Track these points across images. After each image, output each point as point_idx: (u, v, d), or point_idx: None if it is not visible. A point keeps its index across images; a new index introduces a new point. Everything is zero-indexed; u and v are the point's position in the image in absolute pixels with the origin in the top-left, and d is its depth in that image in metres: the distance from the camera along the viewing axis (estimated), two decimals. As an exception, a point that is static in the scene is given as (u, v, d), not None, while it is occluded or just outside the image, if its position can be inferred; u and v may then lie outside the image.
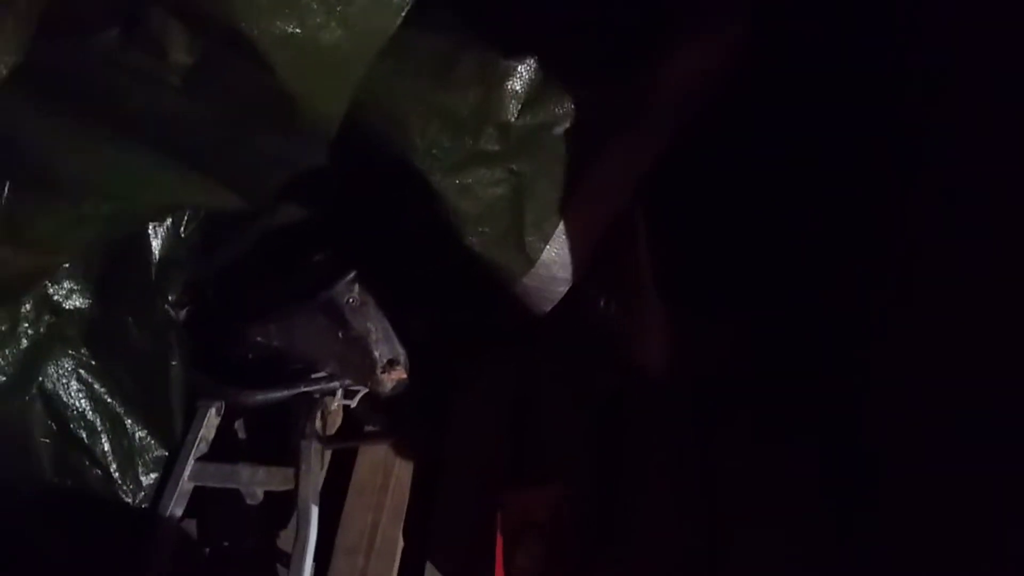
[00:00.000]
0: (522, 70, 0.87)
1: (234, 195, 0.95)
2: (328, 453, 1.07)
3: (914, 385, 0.84)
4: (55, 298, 0.98)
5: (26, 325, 0.95)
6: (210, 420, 1.07)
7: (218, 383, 1.07)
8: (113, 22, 0.75)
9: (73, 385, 0.99)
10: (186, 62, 0.77)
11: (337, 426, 1.12)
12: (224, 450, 1.09)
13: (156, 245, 1.05)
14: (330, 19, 0.75)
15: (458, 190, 0.90)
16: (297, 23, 0.74)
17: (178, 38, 0.76)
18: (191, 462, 1.04)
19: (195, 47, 0.76)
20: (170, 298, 1.07)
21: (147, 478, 1.03)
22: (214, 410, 1.08)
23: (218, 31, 0.74)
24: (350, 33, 0.77)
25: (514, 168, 0.91)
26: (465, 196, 0.91)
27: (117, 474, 1.01)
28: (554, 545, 0.95)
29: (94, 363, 1.01)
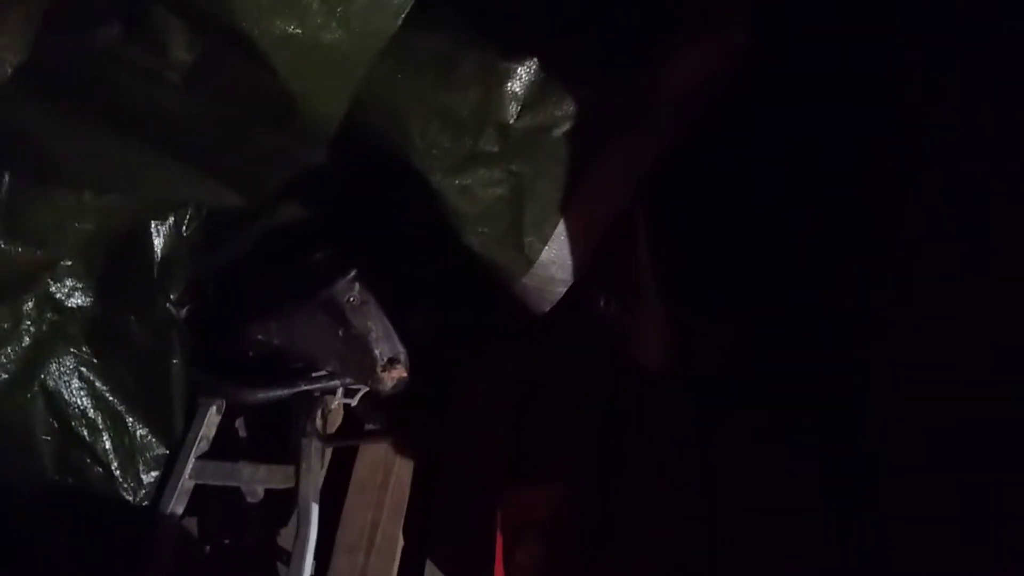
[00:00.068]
0: (521, 72, 0.87)
1: (233, 192, 0.95)
2: (328, 451, 1.08)
3: (914, 385, 0.84)
4: (57, 296, 0.99)
5: (28, 323, 0.96)
6: (211, 418, 1.08)
7: (219, 381, 1.07)
8: (114, 20, 0.75)
9: (75, 383, 1.00)
10: (186, 60, 0.77)
11: (337, 424, 1.12)
12: (225, 448, 1.09)
13: (158, 244, 1.05)
14: (330, 19, 0.75)
15: (457, 190, 0.90)
16: (297, 23, 0.75)
17: (179, 37, 0.76)
18: (192, 460, 1.04)
19: (195, 46, 0.76)
20: (172, 296, 1.08)
21: (148, 476, 1.04)
22: (215, 408, 1.09)
23: (218, 30, 0.75)
24: (350, 33, 0.77)
25: (513, 169, 0.92)
26: (464, 196, 0.91)
27: (118, 472, 1.02)
28: (554, 544, 0.95)
29: (96, 361, 1.01)
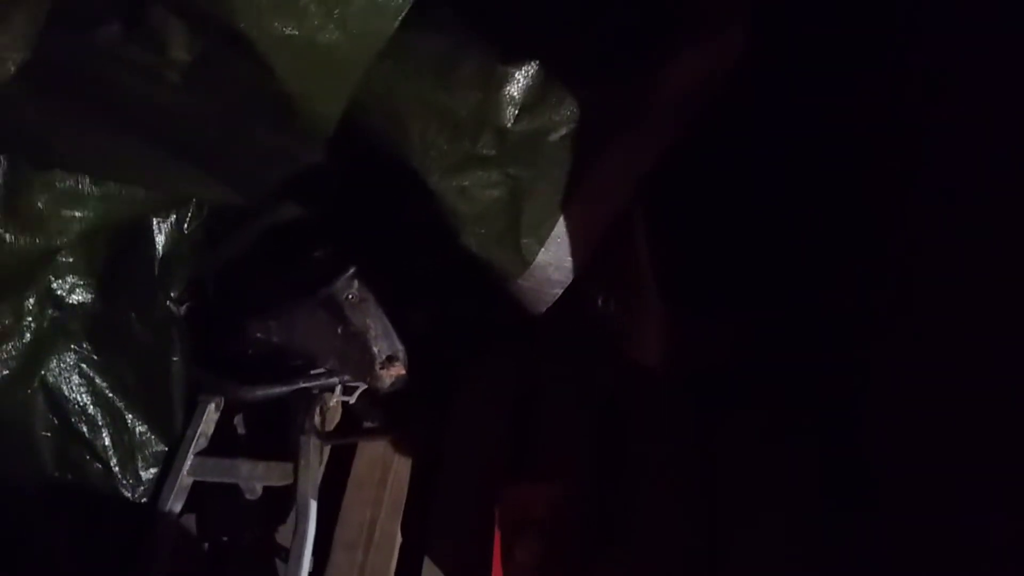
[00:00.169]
0: (520, 75, 0.86)
1: (232, 191, 0.96)
2: (327, 448, 1.08)
3: (914, 385, 0.84)
4: (58, 292, 0.99)
5: (29, 319, 0.96)
6: (210, 415, 1.08)
7: (218, 378, 1.07)
8: (114, 19, 0.75)
9: (75, 379, 1.00)
10: (185, 60, 0.77)
11: (336, 422, 1.12)
12: (224, 445, 1.10)
13: (160, 241, 1.06)
14: (328, 21, 0.75)
15: (456, 191, 0.90)
16: (295, 24, 0.75)
17: (178, 36, 0.76)
18: (191, 457, 1.05)
19: (195, 45, 0.76)
20: (172, 294, 1.08)
21: (147, 473, 1.04)
22: (214, 405, 1.09)
23: (217, 30, 0.74)
24: (348, 35, 0.77)
25: (511, 172, 0.91)
26: (462, 197, 0.90)
27: (117, 469, 1.02)
28: (553, 543, 0.95)
29: (96, 358, 1.02)
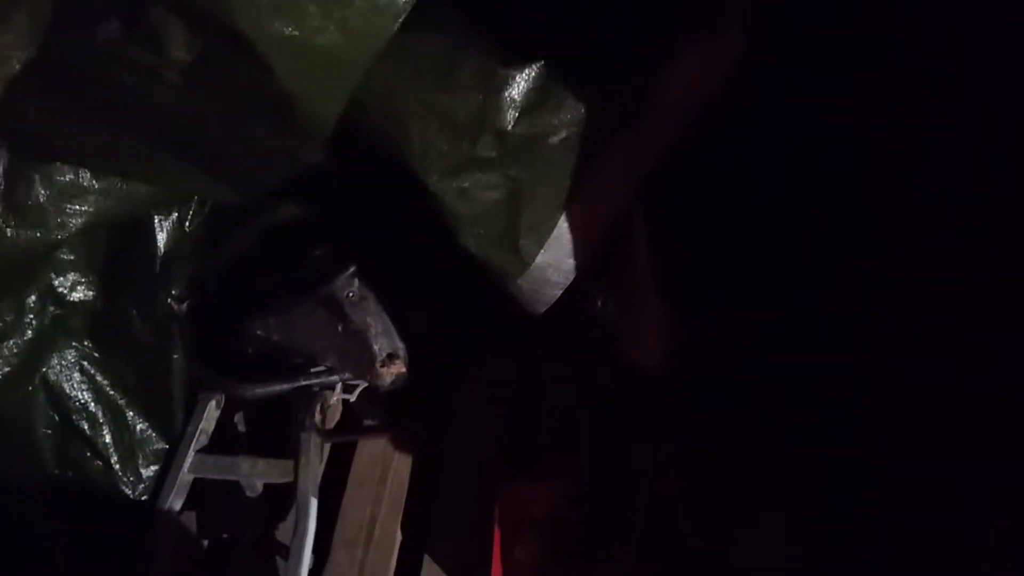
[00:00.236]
0: (520, 78, 0.86)
1: (232, 190, 0.96)
2: (327, 446, 1.08)
3: (914, 385, 0.83)
4: (60, 290, 0.99)
5: (31, 316, 0.97)
6: (210, 413, 1.09)
7: (219, 376, 1.07)
8: (114, 19, 0.75)
9: (76, 377, 1.01)
10: (185, 60, 0.78)
11: (336, 420, 1.12)
12: (224, 443, 1.10)
13: (161, 238, 1.06)
14: (328, 22, 0.75)
15: (455, 192, 0.90)
16: (295, 25, 0.75)
17: (177, 36, 0.76)
18: (191, 454, 1.05)
19: (194, 45, 0.77)
20: (173, 292, 1.08)
21: (147, 470, 1.05)
22: (214, 403, 1.09)
23: (217, 30, 0.75)
24: (348, 36, 0.77)
25: (511, 174, 0.91)
26: (462, 198, 0.90)
27: (118, 466, 1.02)
28: (552, 541, 0.95)
29: (97, 355, 1.02)
